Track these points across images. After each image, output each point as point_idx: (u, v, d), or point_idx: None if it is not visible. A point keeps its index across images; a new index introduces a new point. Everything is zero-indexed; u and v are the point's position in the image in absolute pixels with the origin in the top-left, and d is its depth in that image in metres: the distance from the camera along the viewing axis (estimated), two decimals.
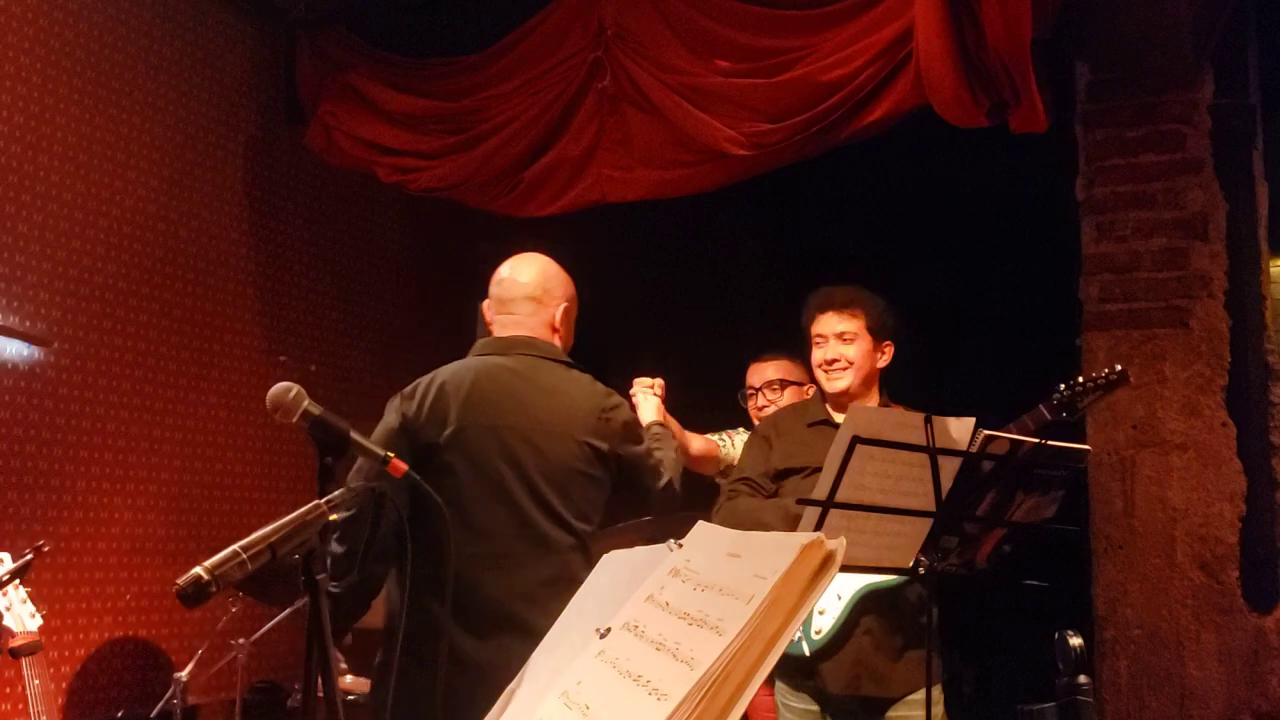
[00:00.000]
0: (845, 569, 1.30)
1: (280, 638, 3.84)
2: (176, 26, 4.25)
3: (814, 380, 3.33)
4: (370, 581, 2.50)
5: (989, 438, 2.29)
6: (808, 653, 2.82)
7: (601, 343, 3.22)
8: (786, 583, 1.23)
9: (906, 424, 2.27)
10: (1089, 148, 3.37)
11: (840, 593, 2.81)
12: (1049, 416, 2.85)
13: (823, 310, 3.07)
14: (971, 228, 5.79)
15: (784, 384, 3.61)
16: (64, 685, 3.70)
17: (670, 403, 3.13)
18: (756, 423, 3.57)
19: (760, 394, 3.65)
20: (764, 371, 3.69)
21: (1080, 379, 2.87)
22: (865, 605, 2.78)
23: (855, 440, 2.19)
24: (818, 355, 3.05)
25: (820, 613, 2.83)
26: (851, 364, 2.98)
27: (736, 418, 3.77)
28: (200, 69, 4.35)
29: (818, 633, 2.82)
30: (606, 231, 4.74)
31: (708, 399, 3.96)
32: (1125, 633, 3.18)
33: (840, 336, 3.00)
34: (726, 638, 1.20)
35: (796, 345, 4.02)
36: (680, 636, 1.27)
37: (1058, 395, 2.85)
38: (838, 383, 2.99)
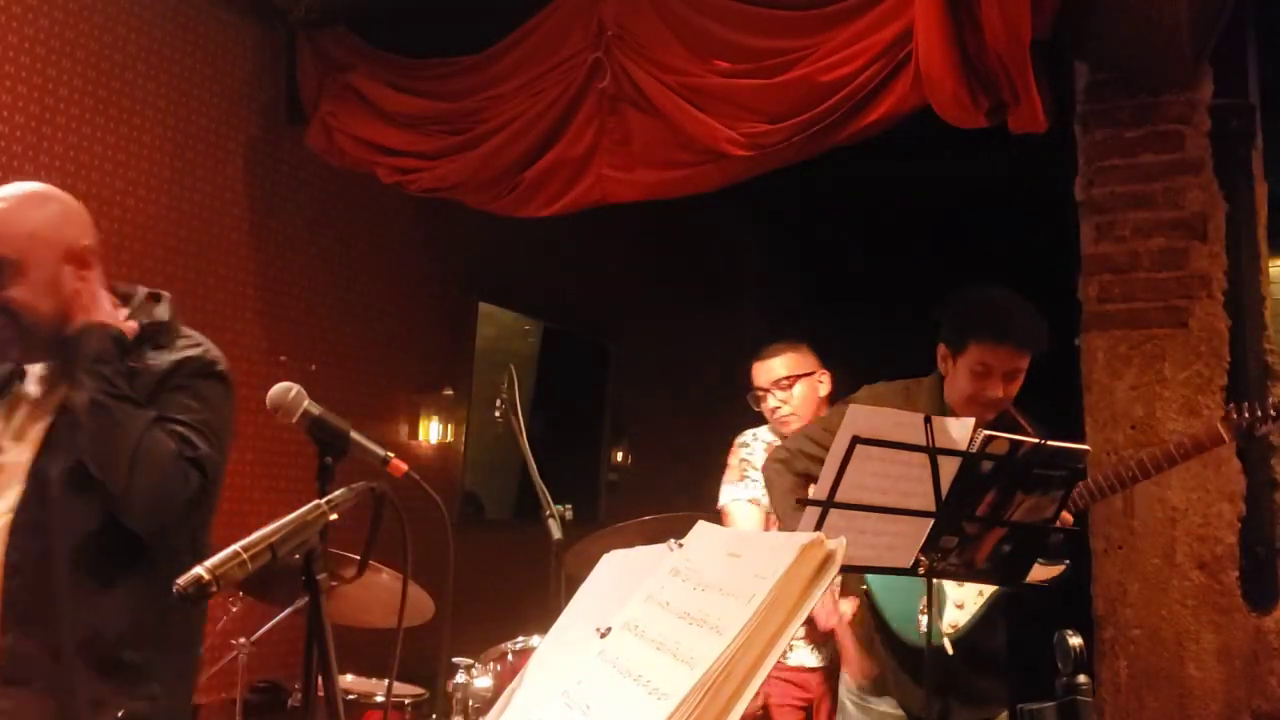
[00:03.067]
0: (844, 568, 1.30)
1: (280, 638, 3.84)
2: (177, 27, 4.25)
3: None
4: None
5: (989, 438, 2.29)
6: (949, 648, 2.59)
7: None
8: (786, 583, 1.23)
9: (906, 424, 2.27)
10: (1088, 148, 3.38)
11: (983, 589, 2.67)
12: (1226, 438, 2.71)
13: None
14: (971, 228, 5.81)
15: (792, 380, 3.45)
16: None
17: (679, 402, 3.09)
18: (772, 427, 3.50)
19: (770, 394, 3.49)
20: (770, 370, 3.53)
21: (1266, 405, 2.69)
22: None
23: (855, 440, 2.19)
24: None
25: (959, 606, 2.67)
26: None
27: (736, 412, 3.74)
28: (201, 69, 4.35)
29: (952, 627, 2.64)
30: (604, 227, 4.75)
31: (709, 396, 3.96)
32: (1125, 633, 3.18)
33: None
34: (726, 637, 1.21)
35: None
36: (680, 636, 1.28)
37: (1238, 419, 2.68)
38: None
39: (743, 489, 3.42)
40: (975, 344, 2.67)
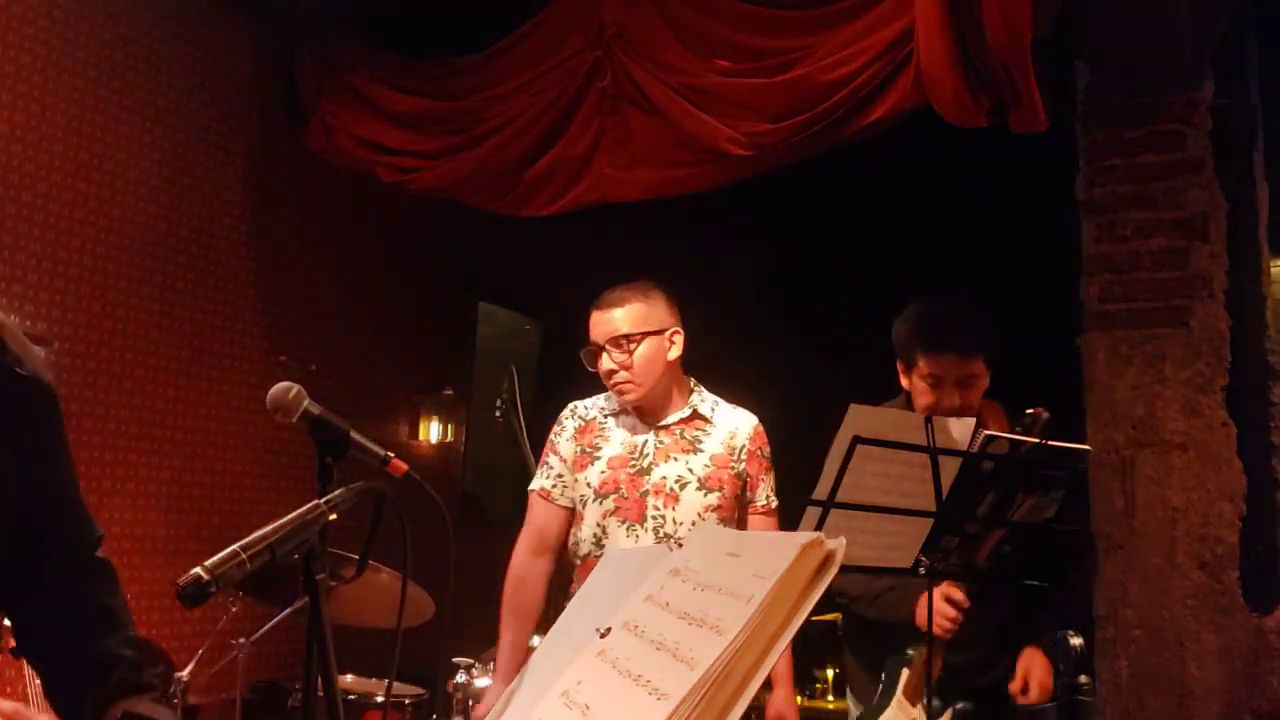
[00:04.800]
0: (845, 569, 1.29)
1: (280, 638, 3.85)
2: (177, 26, 4.25)
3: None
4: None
5: (989, 437, 2.29)
6: None
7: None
8: (786, 582, 1.23)
9: (907, 424, 2.27)
10: (1089, 148, 3.37)
11: None
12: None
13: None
14: (971, 228, 5.80)
15: (636, 338, 2.80)
16: None
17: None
18: (616, 398, 2.88)
19: (606, 353, 2.83)
20: (609, 322, 2.83)
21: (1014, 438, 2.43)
22: None
23: (856, 440, 2.19)
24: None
25: None
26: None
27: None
28: (201, 69, 4.35)
29: None
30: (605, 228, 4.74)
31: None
32: (1125, 633, 3.18)
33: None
34: (726, 637, 1.20)
35: (792, 347, 4.00)
36: (680, 636, 1.28)
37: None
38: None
39: (541, 476, 3.00)
40: (921, 356, 2.70)
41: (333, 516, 1.51)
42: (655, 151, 3.84)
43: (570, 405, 3.04)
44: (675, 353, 2.90)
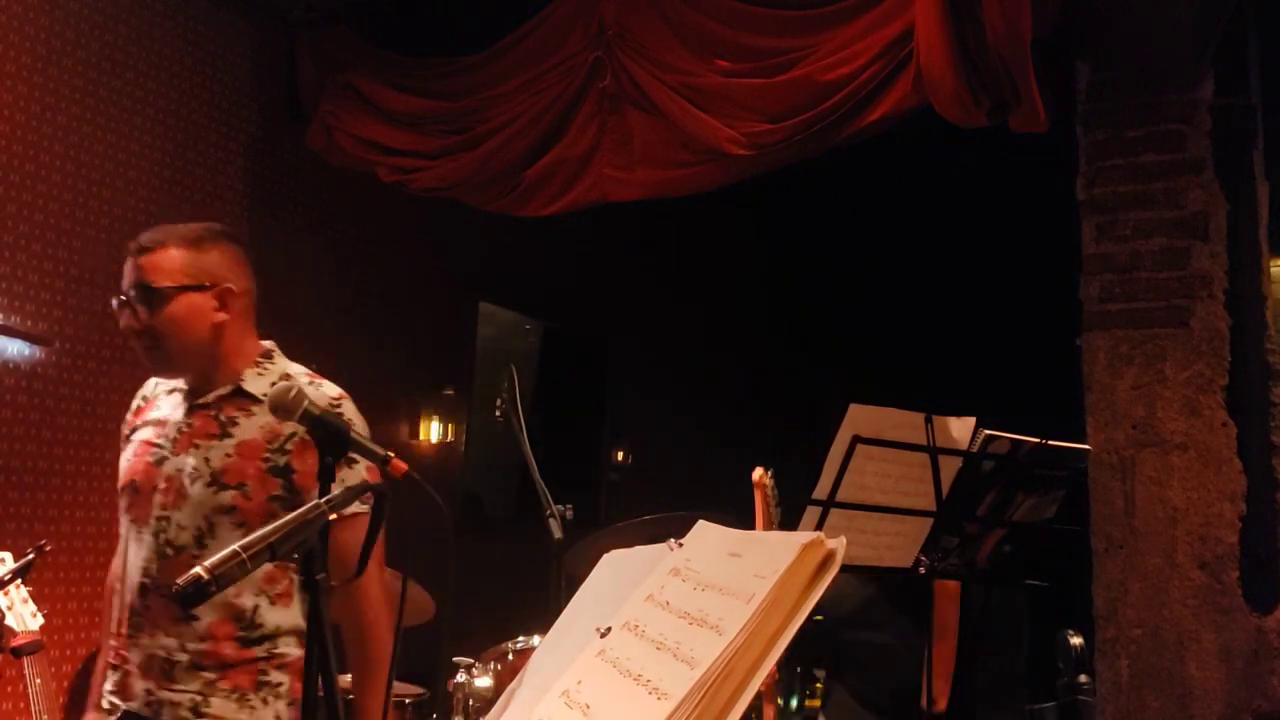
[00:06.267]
0: (846, 568, 1.29)
1: None
2: (177, 26, 4.25)
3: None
4: None
5: (990, 437, 2.29)
6: None
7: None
8: (787, 582, 1.23)
9: (907, 423, 2.27)
10: (1089, 148, 3.37)
11: None
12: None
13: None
14: (972, 228, 5.81)
15: (160, 293, 2.22)
16: (65, 684, 3.70)
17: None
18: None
19: (129, 307, 2.25)
20: (137, 269, 2.26)
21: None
22: None
23: (856, 439, 2.19)
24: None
25: None
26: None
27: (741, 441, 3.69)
28: (201, 68, 4.35)
29: None
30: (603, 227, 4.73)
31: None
32: (1126, 632, 3.18)
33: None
34: (727, 637, 1.20)
35: (792, 346, 3.99)
36: (680, 636, 1.28)
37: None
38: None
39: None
40: None
41: (333, 516, 1.52)
42: (655, 151, 3.84)
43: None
44: (225, 316, 2.32)
